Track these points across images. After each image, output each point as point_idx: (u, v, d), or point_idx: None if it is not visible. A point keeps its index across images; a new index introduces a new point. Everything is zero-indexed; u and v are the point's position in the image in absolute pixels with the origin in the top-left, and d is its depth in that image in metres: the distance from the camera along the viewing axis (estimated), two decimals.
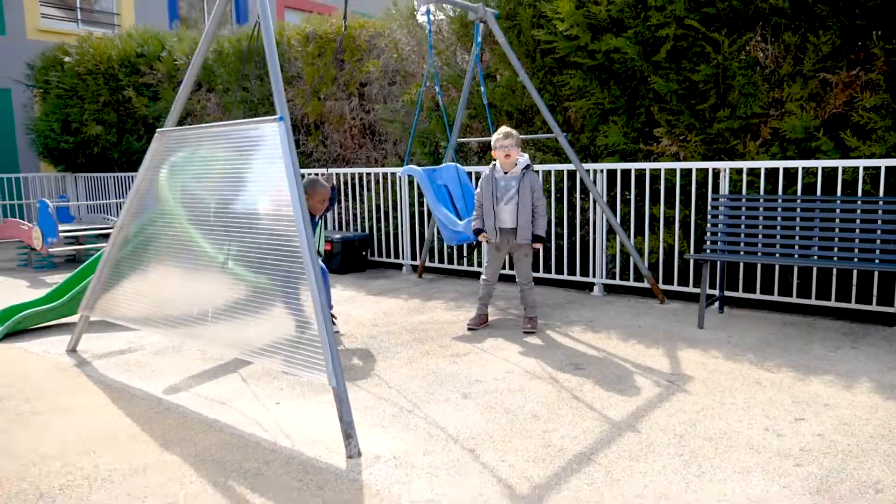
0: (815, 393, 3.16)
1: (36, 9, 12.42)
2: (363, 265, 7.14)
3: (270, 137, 3.17)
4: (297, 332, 2.89)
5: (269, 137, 3.18)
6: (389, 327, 4.60)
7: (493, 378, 3.47)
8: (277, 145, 3.10)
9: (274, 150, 3.14)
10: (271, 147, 3.17)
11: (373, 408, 3.12)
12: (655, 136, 5.40)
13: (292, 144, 3.08)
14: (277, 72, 3.19)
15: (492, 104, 6.31)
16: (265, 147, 3.22)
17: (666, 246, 5.36)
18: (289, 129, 3.10)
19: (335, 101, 7.81)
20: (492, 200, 4.30)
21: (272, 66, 3.20)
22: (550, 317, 4.80)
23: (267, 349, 3.01)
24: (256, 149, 3.28)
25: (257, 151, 3.27)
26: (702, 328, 4.38)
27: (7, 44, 11.89)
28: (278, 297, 3.03)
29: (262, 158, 3.24)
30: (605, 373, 3.52)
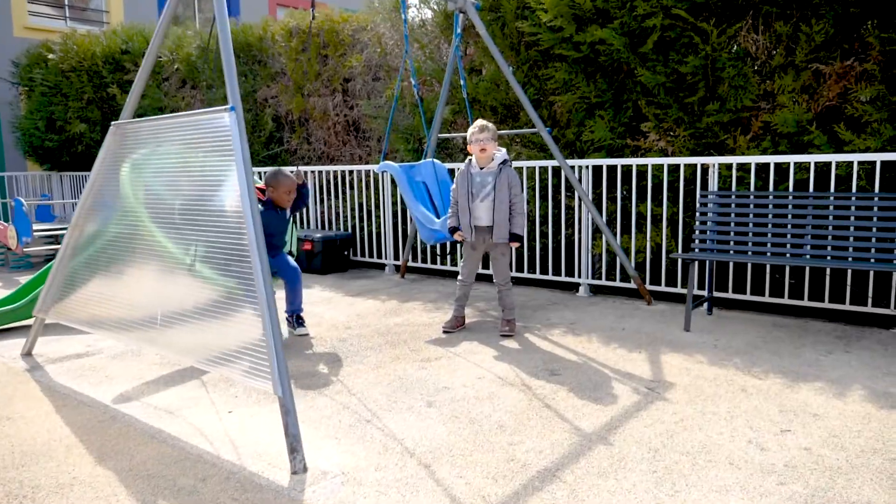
0: (803, 401, 2.95)
1: (23, 6, 12.24)
2: (345, 265, 6.94)
3: (221, 128, 2.98)
4: (244, 336, 2.69)
5: (221, 128, 2.99)
6: (362, 330, 4.39)
7: (461, 385, 3.27)
8: (228, 136, 2.91)
9: (225, 142, 2.95)
10: (222, 138, 2.98)
11: (329, 417, 2.92)
12: (643, 130, 5.19)
13: (244, 136, 2.89)
14: (231, 61, 3.01)
15: (476, 99, 6.12)
16: (217, 138, 3.02)
17: (653, 245, 5.15)
18: (240, 120, 2.91)
19: (319, 97, 7.61)
20: (467, 197, 4.10)
21: (226, 56, 3.02)
22: (531, 319, 4.59)
23: (213, 354, 2.81)
24: (208, 140, 3.08)
25: (209, 143, 3.08)
26: (688, 331, 4.17)
27: None
28: (225, 299, 2.83)
29: (212, 150, 3.04)
30: (582, 379, 3.31)
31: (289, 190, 4.14)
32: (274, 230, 4.19)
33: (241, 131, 2.89)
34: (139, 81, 3.74)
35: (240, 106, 2.93)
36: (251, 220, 2.72)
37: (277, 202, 4.18)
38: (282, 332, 4.17)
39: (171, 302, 3.11)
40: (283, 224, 4.26)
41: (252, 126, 8.31)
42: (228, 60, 3.00)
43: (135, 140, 3.62)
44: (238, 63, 8.29)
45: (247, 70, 8.26)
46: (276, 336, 2.57)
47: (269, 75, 8.07)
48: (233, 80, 2.98)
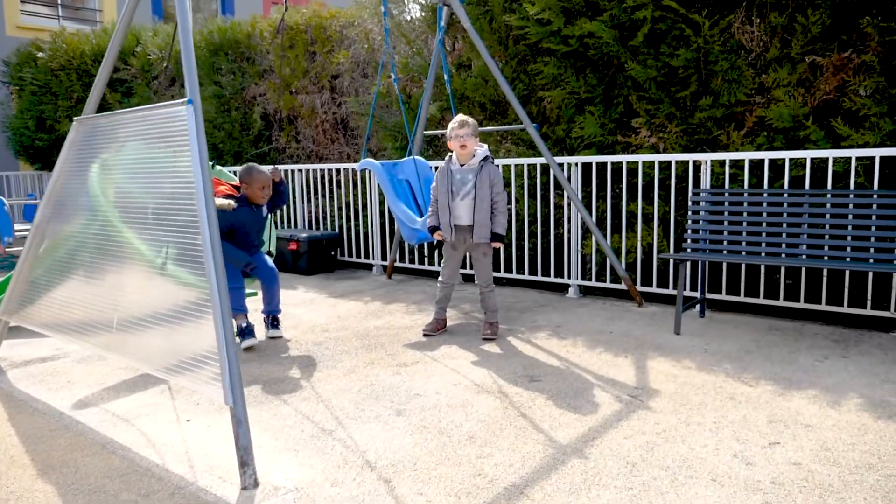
0: (795, 411, 2.77)
1: (16, 5, 12.12)
2: (332, 265, 6.78)
3: (179, 122, 2.83)
4: (197, 342, 2.53)
5: (178, 122, 2.84)
6: (340, 333, 4.23)
7: (435, 392, 3.10)
8: (185, 131, 2.76)
9: (182, 137, 2.79)
10: (180, 133, 2.82)
11: (291, 426, 2.76)
12: (634, 126, 5.02)
13: (202, 130, 2.74)
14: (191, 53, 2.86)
15: (464, 95, 5.95)
16: (175, 133, 2.87)
17: (645, 245, 4.98)
18: (198, 114, 2.76)
19: (307, 95, 7.45)
20: (447, 195, 3.93)
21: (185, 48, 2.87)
22: (516, 321, 4.42)
23: (165, 360, 2.65)
24: (166, 134, 2.93)
25: (167, 138, 2.92)
26: (678, 334, 4.00)
27: None
28: (179, 301, 2.67)
29: (171, 145, 2.89)
30: (562, 386, 3.14)
31: (263, 185, 3.98)
32: (249, 228, 4.03)
33: (199, 125, 2.74)
34: (101, 75, 3.60)
35: (198, 99, 2.78)
36: (206, 218, 2.57)
37: (252, 199, 4.02)
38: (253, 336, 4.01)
39: (127, 306, 2.95)
40: (258, 222, 4.10)
41: (241, 124, 8.17)
42: (188, 53, 2.86)
43: (96, 135, 3.47)
44: (226, 61, 8.15)
45: (235, 68, 8.11)
46: (229, 342, 2.41)
47: (258, 73, 7.92)
48: (192, 73, 2.84)
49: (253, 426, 2.77)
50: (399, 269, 6.57)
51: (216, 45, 8.19)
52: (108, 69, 3.59)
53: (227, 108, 8.25)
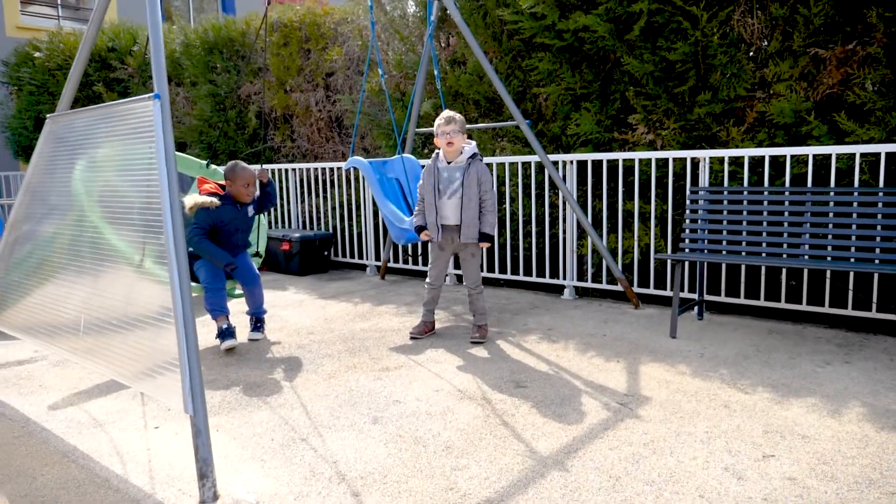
0: (793, 420, 2.62)
1: (16, 6, 12.09)
2: (325, 266, 6.66)
3: (146, 117, 2.71)
4: (159, 348, 2.41)
5: (145, 118, 2.72)
6: (325, 336, 4.11)
7: (415, 398, 2.97)
8: (151, 126, 2.64)
9: (148, 132, 2.68)
10: (146, 128, 2.71)
11: (262, 434, 2.63)
12: (631, 123, 4.87)
13: (168, 126, 2.62)
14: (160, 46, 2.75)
15: (458, 92, 5.82)
16: (141, 128, 2.76)
17: (642, 245, 4.83)
18: (165, 109, 2.65)
19: (301, 93, 7.34)
20: (433, 194, 3.80)
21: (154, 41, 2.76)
22: (508, 324, 4.28)
23: (128, 366, 2.53)
24: (134, 131, 2.81)
25: (135, 134, 2.81)
26: (674, 338, 3.85)
27: None
28: (143, 303, 2.55)
29: (138, 141, 2.77)
30: (549, 392, 3.00)
31: (247, 183, 3.87)
32: (232, 227, 3.91)
33: (166, 121, 2.62)
34: (74, 72, 3.49)
35: (166, 94, 2.66)
36: (170, 218, 2.45)
37: (236, 196, 3.91)
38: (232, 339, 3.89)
39: (94, 309, 2.83)
40: (243, 221, 3.98)
41: (236, 123, 8.07)
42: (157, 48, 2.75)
43: (69, 132, 3.36)
44: (221, 59, 8.05)
45: (230, 66, 8.01)
46: (191, 348, 2.29)
47: (252, 71, 7.82)
48: (160, 68, 2.72)
49: (222, 433, 2.65)
50: (393, 270, 6.45)
51: (211, 44, 8.09)
52: (82, 66, 3.49)
53: (223, 106, 8.16)
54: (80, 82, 9.71)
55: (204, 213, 3.77)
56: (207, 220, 3.77)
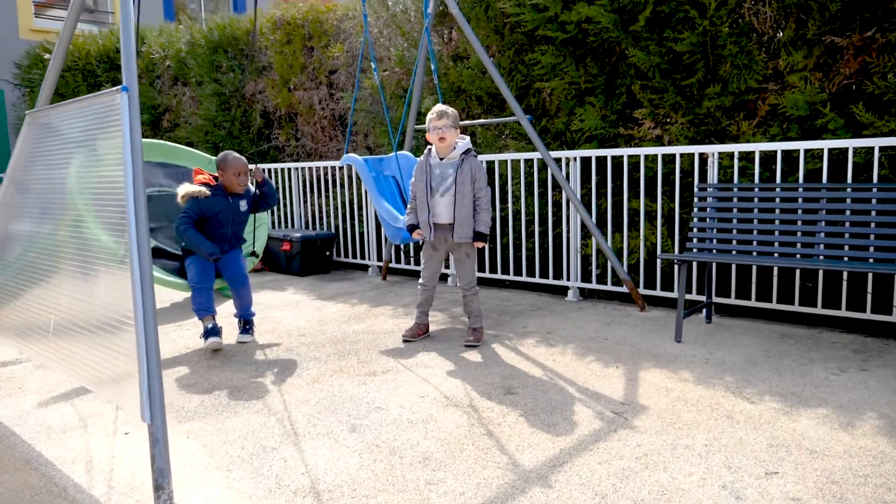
0: (801, 433, 2.43)
1: (29, 8, 12.18)
2: (327, 266, 6.53)
3: (114, 111, 2.60)
4: (120, 351, 2.28)
5: (114, 111, 2.61)
6: (316, 338, 3.97)
7: (398, 405, 2.82)
8: (119, 120, 2.53)
9: (116, 126, 2.56)
10: (115, 122, 2.60)
11: (233, 442, 2.50)
12: (637, 118, 4.68)
13: (136, 119, 2.51)
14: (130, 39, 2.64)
15: (461, 88, 5.67)
16: (110, 123, 2.64)
17: (648, 244, 4.63)
18: (133, 102, 2.54)
19: (304, 91, 7.24)
20: (426, 192, 3.65)
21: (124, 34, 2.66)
22: (505, 326, 4.12)
23: (89, 369, 2.41)
24: (103, 126, 2.70)
25: (103, 128, 2.70)
26: (679, 342, 3.66)
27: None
28: (101, 304, 2.43)
29: (107, 136, 2.66)
30: (540, 400, 2.83)
31: (237, 172, 3.80)
32: (221, 218, 3.81)
33: (134, 114, 2.51)
34: (53, 66, 3.40)
35: (135, 87, 2.55)
36: (133, 215, 2.32)
37: (228, 186, 3.84)
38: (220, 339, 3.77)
39: (64, 310, 2.72)
40: (234, 213, 3.87)
41: (241, 122, 7.99)
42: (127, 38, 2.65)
43: (45, 128, 3.26)
44: (226, 58, 7.98)
45: (235, 65, 7.94)
46: (151, 352, 2.16)
47: (257, 69, 7.74)
48: (130, 60, 2.62)
49: (193, 440, 2.52)
50: (395, 271, 6.31)
51: (216, 43, 8.03)
52: (59, 62, 3.39)
53: (227, 106, 8.08)
54: (89, 84, 9.72)
55: (193, 202, 3.72)
56: (196, 209, 3.71)
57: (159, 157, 4.37)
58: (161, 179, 4.34)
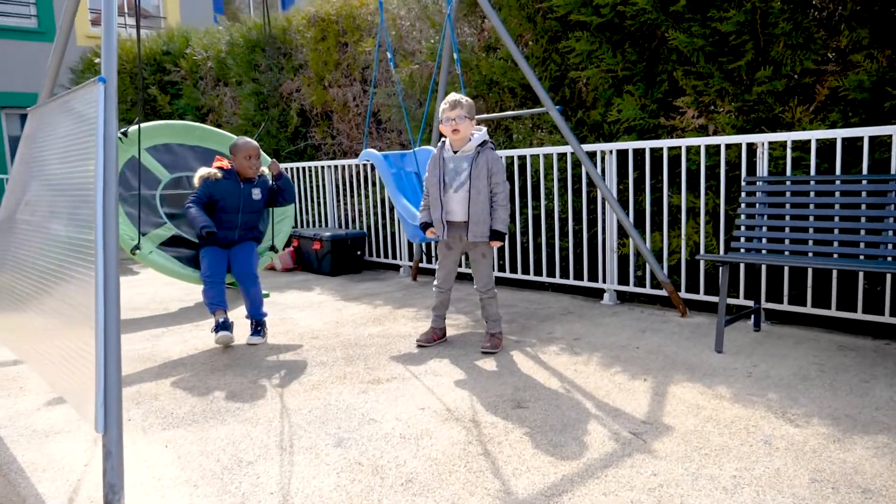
0: (853, 466, 2.06)
1: (86, 16, 12.58)
2: (358, 266, 6.37)
3: (93, 102, 2.47)
4: (87, 353, 2.13)
5: (92, 102, 2.48)
6: (328, 341, 3.78)
7: (394, 417, 2.58)
8: (95, 111, 2.40)
9: (93, 118, 2.43)
10: (93, 113, 2.47)
11: (210, 454, 2.31)
12: (679, 107, 4.30)
13: (112, 111, 2.38)
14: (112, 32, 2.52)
15: (493, 80, 5.40)
16: (89, 114, 2.52)
17: (691, 244, 4.24)
18: (110, 94, 2.41)
19: (339, 88, 7.11)
20: (439, 187, 3.40)
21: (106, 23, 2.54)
22: (531, 331, 3.82)
23: (56, 373, 2.28)
24: (82, 118, 2.58)
25: (83, 121, 2.58)
26: (720, 352, 3.28)
27: None
28: (70, 305, 2.29)
29: (87, 128, 2.53)
30: (551, 416, 2.54)
31: (248, 155, 3.77)
32: (230, 203, 3.73)
33: (110, 106, 2.38)
34: (53, 61, 3.33)
35: (114, 78, 2.42)
36: (102, 210, 2.17)
37: (240, 171, 3.81)
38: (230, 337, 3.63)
39: (48, 310, 2.60)
40: (244, 200, 3.77)
41: (279, 121, 7.94)
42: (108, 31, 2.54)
43: (38, 123, 3.19)
44: (263, 57, 7.95)
45: (272, 64, 7.89)
46: (110, 358, 1.99)
47: (293, 68, 7.67)
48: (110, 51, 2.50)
49: (171, 450, 2.36)
50: (426, 271, 6.08)
51: (254, 42, 8.01)
52: (59, 57, 3.32)
53: (266, 105, 8.05)
54: (135, 86, 9.89)
55: (204, 184, 3.73)
56: (205, 190, 3.71)
57: (195, 140, 4.36)
58: (192, 163, 4.30)
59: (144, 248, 3.59)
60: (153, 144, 4.09)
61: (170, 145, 4.20)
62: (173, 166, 4.14)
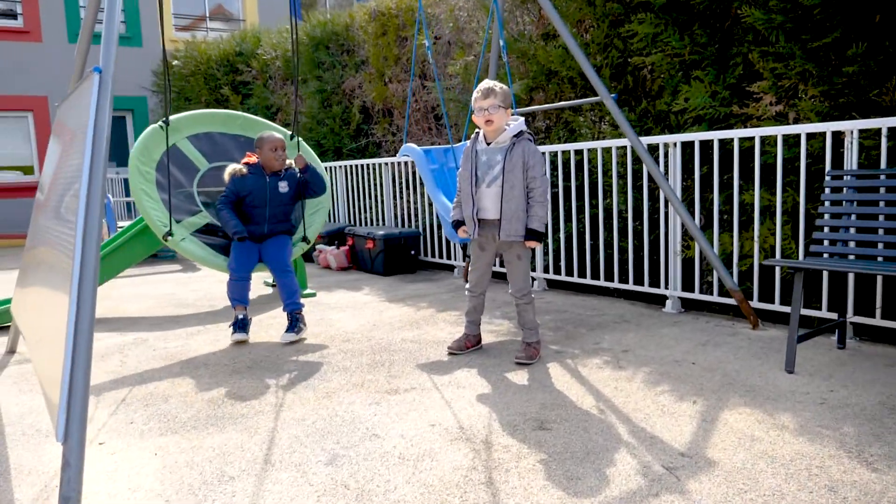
0: None
1: (170, 20, 13.12)
2: (412, 266, 6.17)
3: (88, 94, 2.38)
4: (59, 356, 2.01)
5: (87, 94, 2.40)
6: (358, 345, 3.59)
7: (399, 434, 2.33)
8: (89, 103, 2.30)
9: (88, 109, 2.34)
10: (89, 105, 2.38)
11: (196, 465, 2.15)
12: (755, 93, 3.83)
13: (105, 102, 2.28)
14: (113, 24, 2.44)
15: (551, 70, 5.06)
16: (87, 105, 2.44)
17: (767, 247, 3.76)
18: (105, 84, 2.31)
19: (399, 84, 6.95)
20: (470, 182, 3.12)
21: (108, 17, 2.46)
22: (576, 341, 3.48)
23: (42, 375, 2.18)
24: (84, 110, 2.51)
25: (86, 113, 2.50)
26: (791, 372, 2.83)
27: (143, 55, 12.66)
28: (47, 305, 2.19)
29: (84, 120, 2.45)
30: (574, 441, 2.21)
31: (273, 147, 3.71)
32: (258, 197, 3.69)
33: (103, 96, 2.27)
34: (78, 59, 3.32)
35: (110, 70, 2.33)
36: (85, 205, 2.06)
37: (266, 164, 3.75)
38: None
39: (43, 304, 2.54)
40: (272, 193, 3.71)
41: (341, 118, 7.89)
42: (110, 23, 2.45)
43: (59, 118, 3.18)
44: (326, 54, 7.92)
45: (335, 61, 7.85)
46: (77, 364, 1.86)
47: (356, 64, 7.59)
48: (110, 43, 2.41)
49: (159, 458, 2.22)
50: None
51: (318, 39, 8.00)
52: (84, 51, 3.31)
53: (329, 102, 8.02)
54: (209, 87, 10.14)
55: (231, 181, 3.69)
56: (233, 188, 3.67)
57: (237, 128, 4.31)
58: (234, 152, 4.26)
59: (177, 235, 3.57)
60: (194, 133, 4.06)
61: (211, 134, 4.16)
62: (213, 155, 4.10)
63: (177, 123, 3.92)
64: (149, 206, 3.52)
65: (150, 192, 3.59)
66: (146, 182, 3.59)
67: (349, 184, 7.44)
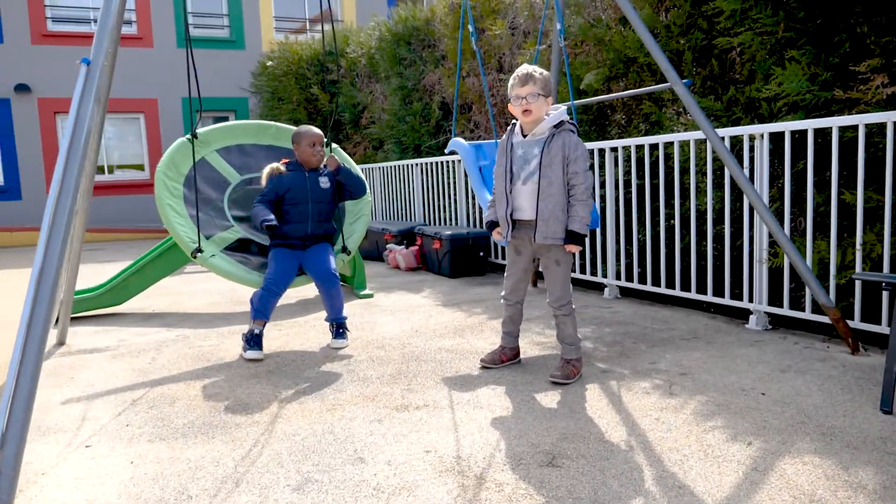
0: None
1: (270, 22, 13.58)
2: (481, 268, 5.88)
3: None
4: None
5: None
6: (391, 353, 3.36)
7: (387, 460, 2.06)
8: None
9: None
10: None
11: (162, 479, 1.99)
12: (862, 73, 3.21)
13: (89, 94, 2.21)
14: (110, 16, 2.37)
15: (629, 57, 4.60)
16: None
17: (874, 255, 3.15)
18: (92, 76, 2.24)
19: (476, 78, 6.68)
20: (505, 178, 2.79)
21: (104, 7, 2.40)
22: (630, 359, 3.06)
23: None
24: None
25: None
26: (888, 412, 2.28)
27: (245, 57, 13.19)
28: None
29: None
30: (583, 483, 1.84)
31: (312, 142, 3.50)
32: (298, 195, 3.46)
33: (88, 88, 2.20)
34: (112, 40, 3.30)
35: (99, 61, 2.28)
36: (55, 200, 1.97)
37: (304, 160, 3.54)
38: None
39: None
40: (312, 189, 3.46)
41: (421, 115, 7.73)
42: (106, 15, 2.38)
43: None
44: (407, 50, 7.79)
45: (415, 57, 7.70)
46: (27, 362, 1.75)
47: (435, 59, 7.39)
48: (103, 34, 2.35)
49: (132, 469, 2.08)
50: None
51: (399, 36, 7.89)
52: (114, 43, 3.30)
53: (410, 99, 7.88)
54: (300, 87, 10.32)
55: (269, 180, 3.52)
56: (271, 186, 3.50)
57: (268, 139, 4.13)
58: (265, 164, 4.11)
59: (206, 252, 3.36)
60: (224, 146, 3.89)
61: (243, 146, 3.99)
62: (245, 168, 3.93)
63: (206, 136, 3.77)
64: (175, 221, 3.34)
65: (178, 207, 3.44)
66: (173, 197, 3.44)
67: (426, 182, 7.26)
